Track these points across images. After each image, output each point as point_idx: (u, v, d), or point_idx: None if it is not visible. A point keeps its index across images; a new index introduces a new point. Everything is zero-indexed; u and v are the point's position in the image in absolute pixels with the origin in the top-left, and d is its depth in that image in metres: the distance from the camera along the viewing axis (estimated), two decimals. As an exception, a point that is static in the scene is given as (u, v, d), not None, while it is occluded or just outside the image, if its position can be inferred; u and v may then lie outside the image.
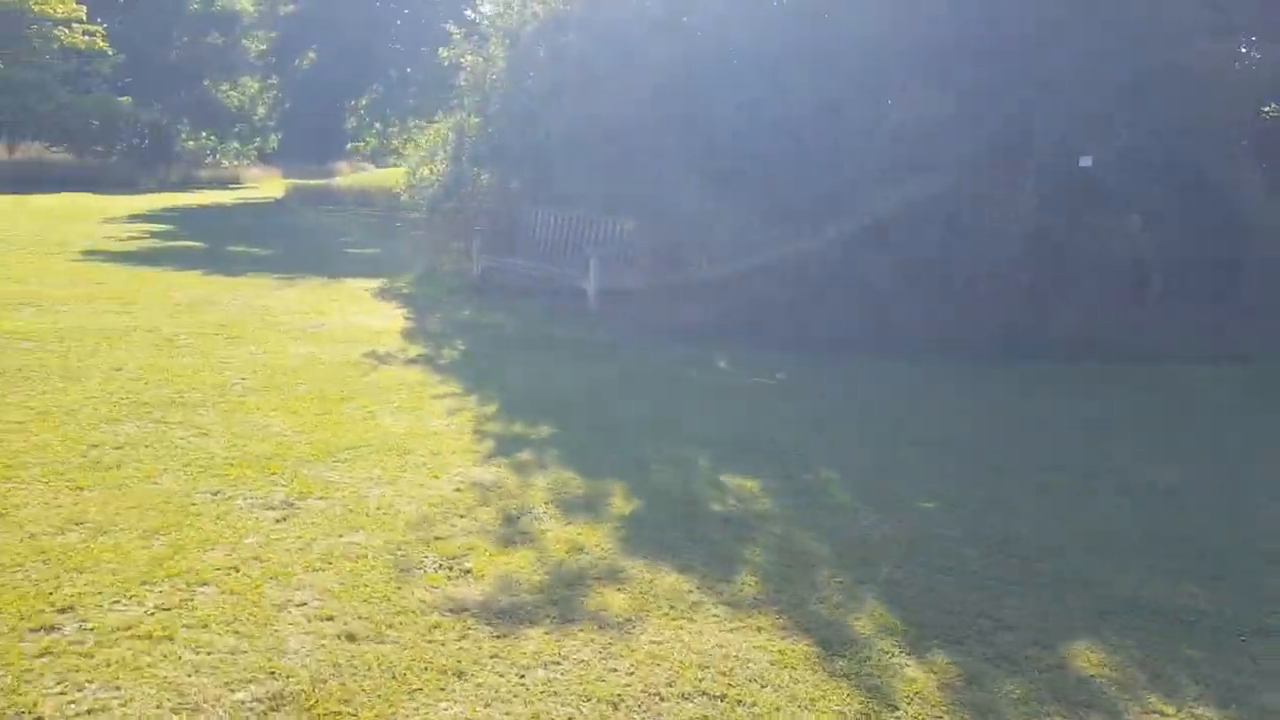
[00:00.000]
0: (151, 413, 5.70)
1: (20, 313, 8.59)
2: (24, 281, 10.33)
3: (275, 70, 27.60)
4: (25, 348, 7.23)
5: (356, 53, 26.24)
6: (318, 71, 26.11)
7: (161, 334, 7.91)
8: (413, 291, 10.64)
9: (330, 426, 5.52)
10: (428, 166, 11.99)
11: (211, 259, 13.26)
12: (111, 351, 7.21)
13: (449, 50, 11.61)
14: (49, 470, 4.66)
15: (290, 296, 10.10)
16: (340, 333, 8.27)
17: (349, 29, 25.71)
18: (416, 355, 7.55)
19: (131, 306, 9.13)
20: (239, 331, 8.15)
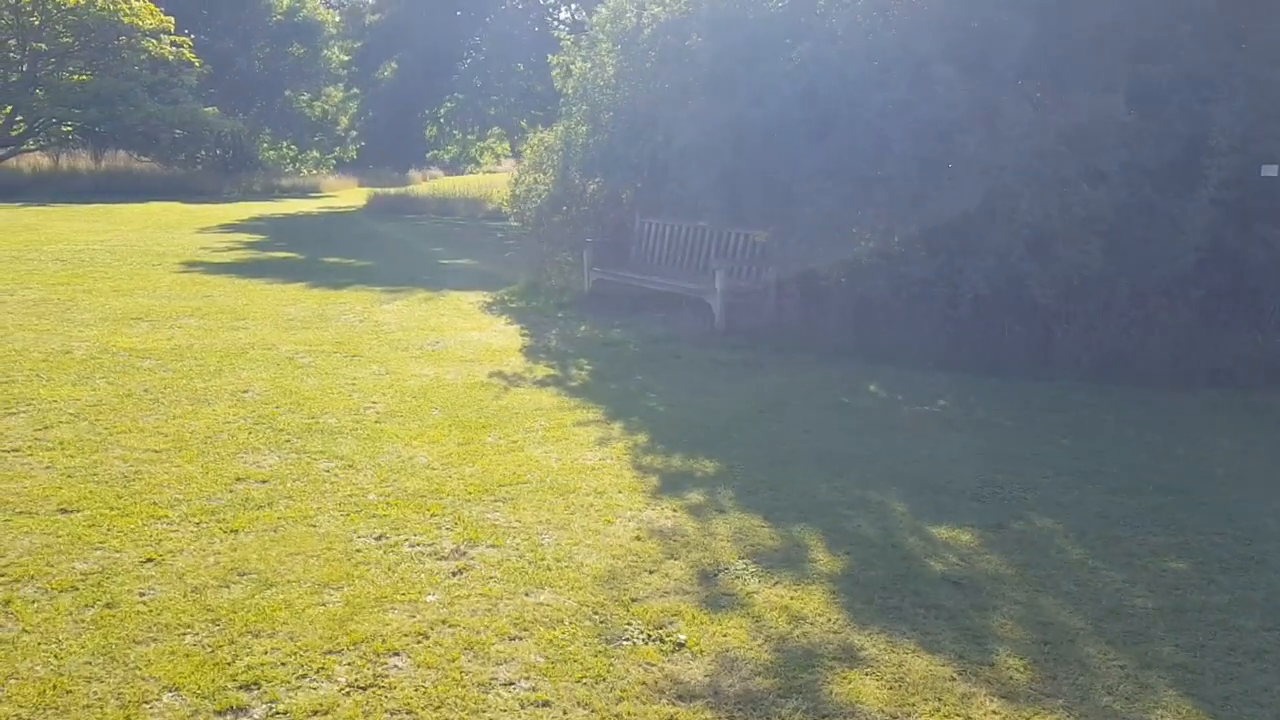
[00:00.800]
0: (290, 441, 5.39)
1: (135, 328, 8.44)
2: (132, 294, 10.25)
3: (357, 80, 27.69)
4: (147, 366, 7.03)
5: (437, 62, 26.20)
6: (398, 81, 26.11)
7: (280, 352, 7.66)
8: (521, 305, 10.29)
9: (477, 459, 5.14)
10: (532, 176, 11.65)
11: (311, 270, 13.13)
12: (234, 371, 6.97)
13: (558, 57, 11.26)
14: (198, 509, 4.35)
15: (399, 311, 9.83)
16: (460, 351, 7.94)
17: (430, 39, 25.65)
18: (545, 376, 7.17)
19: (244, 321, 8.94)
20: (357, 349, 7.87)
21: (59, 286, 10.52)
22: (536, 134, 12.27)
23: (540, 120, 25.93)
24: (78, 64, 30.14)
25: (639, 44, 9.76)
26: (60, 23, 29.17)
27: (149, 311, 9.26)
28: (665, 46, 9.40)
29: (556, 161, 11.00)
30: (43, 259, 12.89)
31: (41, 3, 28.70)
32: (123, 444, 5.27)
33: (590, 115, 10.76)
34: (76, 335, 8.01)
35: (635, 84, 9.95)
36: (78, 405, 5.97)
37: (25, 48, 29.17)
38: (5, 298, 9.68)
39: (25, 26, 28.77)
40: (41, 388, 6.32)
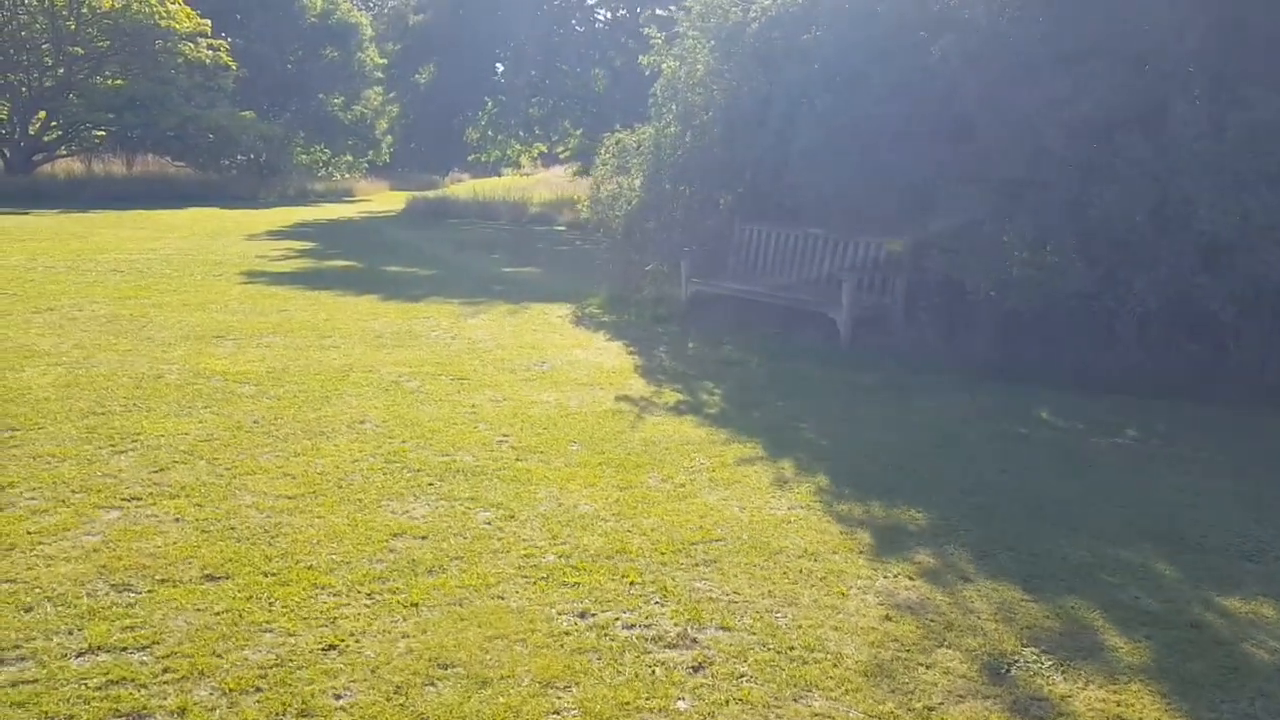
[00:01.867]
0: (432, 484, 4.82)
1: (220, 347, 7.91)
2: (204, 309, 9.73)
3: (396, 83, 27.22)
4: (247, 393, 6.48)
5: (478, 64, 25.71)
6: (438, 83, 25.63)
7: (382, 375, 7.10)
8: (613, 319, 9.70)
9: (649, 507, 4.55)
10: (614, 181, 11.07)
11: (378, 280, 12.59)
12: (342, 398, 6.41)
13: (649, 57, 10.67)
14: (362, 574, 3.78)
15: (487, 326, 9.27)
16: (571, 372, 7.36)
17: (472, 40, 25.17)
18: (675, 402, 6.57)
19: (332, 339, 8.40)
20: (462, 371, 7.30)
21: (126, 300, 10.02)
22: (613, 136, 11.68)
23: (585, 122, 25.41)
24: (113, 68, 29.81)
25: (742, 40, 9.15)
26: (95, 26, 28.85)
27: (228, 328, 8.74)
28: (773, 43, 8.79)
29: (644, 166, 10.40)
30: (100, 270, 12.41)
31: (77, 7, 28.41)
32: (250, 488, 4.72)
33: (682, 117, 10.17)
34: (161, 357, 7.48)
35: (736, 83, 9.35)
36: (187, 440, 5.42)
37: (60, 52, 28.87)
38: (75, 314, 9.18)
39: (60, 31, 28.47)
40: (143, 419, 5.78)
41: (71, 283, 11.16)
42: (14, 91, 28.50)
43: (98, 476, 4.80)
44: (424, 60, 26.04)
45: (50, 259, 13.35)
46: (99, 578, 3.71)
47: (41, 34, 28.77)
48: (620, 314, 9.93)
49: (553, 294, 11.54)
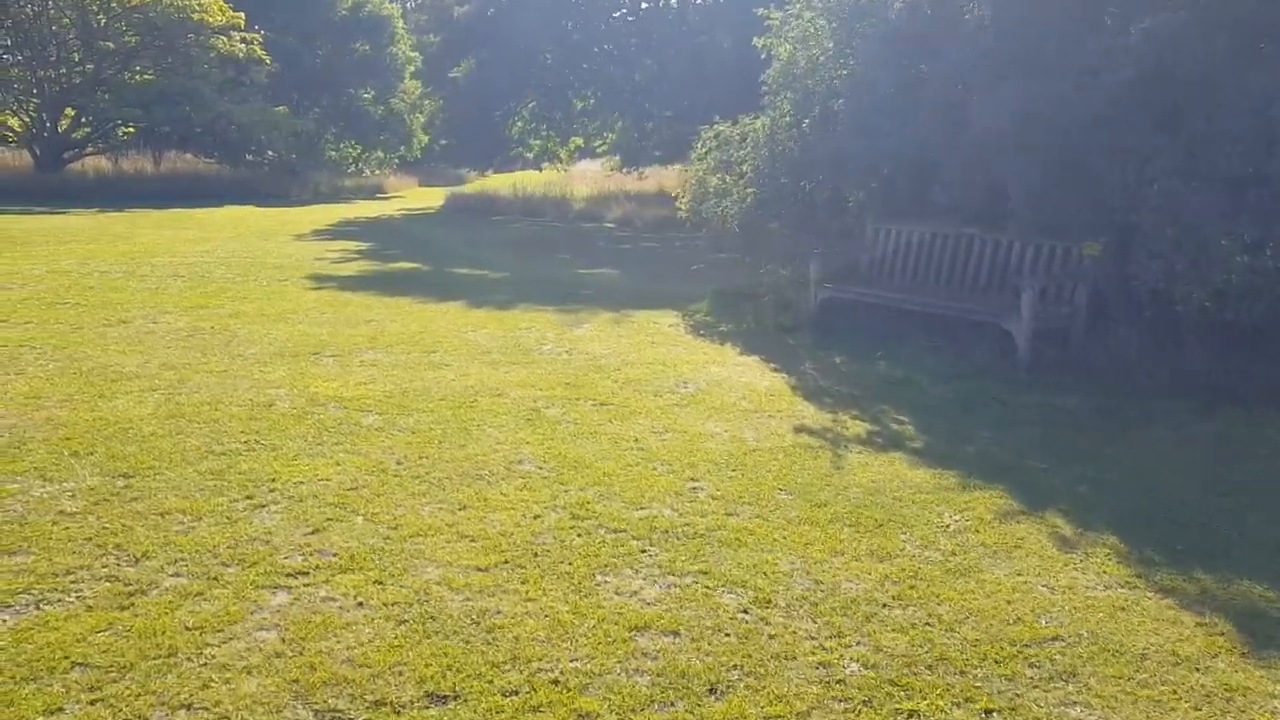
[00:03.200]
0: (644, 551, 3.98)
1: (321, 366, 7.09)
2: (286, 320, 8.93)
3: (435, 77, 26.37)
4: (373, 425, 5.65)
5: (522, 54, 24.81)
6: (479, 76, 24.74)
7: (514, 400, 6.26)
8: (731, 328, 8.84)
9: (931, 587, 3.70)
10: (716, 177, 10.19)
11: (452, 285, 11.77)
12: (482, 430, 5.57)
13: (763, 40, 9.77)
14: (631, 696, 2.94)
15: (599, 339, 8.42)
16: (721, 395, 6.50)
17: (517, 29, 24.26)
18: (865, 434, 5.71)
19: (438, 355, 7.57)
20: (598, 394, 6.46)
21: (199, 311, 9.22)
22: (712, 129, 10.79)
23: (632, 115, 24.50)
24: (144, 63, 29.07)
25: (879, 21, 8.26)
26: (125, 21, 28.10)
27: (321, 343, 7.92)
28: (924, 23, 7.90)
29: (756, 160, 9.52)
30: (159, 275, 11.64)
31: (107, 2, 27.67)
32: (429, 555, 3.89)
33: (800, 105, 9.28)
34: (262, 378, 6.67)
35: (868, 68, 8.46)
36: (331, 489, 4.60)
37: (89, 48, 28.14)
38: (151, 327, 8.38)
39: (89, 26, 27.74)
40: (272, 461, 4.96)
41: (134, 290, 10.37)
42: (42, 88, 27.80)
43: (245, 541, 3.98)
44: (465, 53, 25.14)
45: (103, 263, 12.58)
46: (297, 700, 2.88)
47: (69, 29, 28.06)
48: (737, 322, 9.06)
49: (647, 298, 10.68)
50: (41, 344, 7.55)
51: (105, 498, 4.42)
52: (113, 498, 4.42)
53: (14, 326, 8.17)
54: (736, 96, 22.06)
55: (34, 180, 26.45)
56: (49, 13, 27.84)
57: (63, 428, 5.41)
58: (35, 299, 9.58)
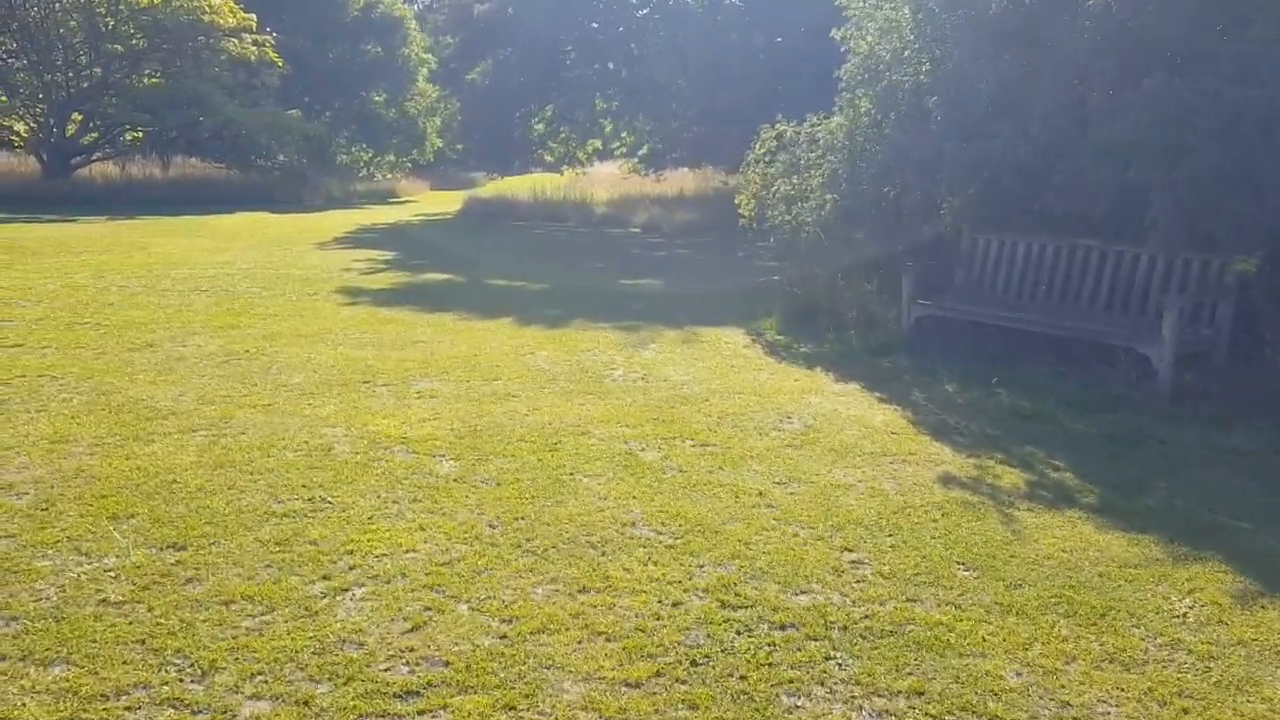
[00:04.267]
0: (828, 657, 3.23)
1: (376, 398, 6.34)
2: (326, 340, 8.18)
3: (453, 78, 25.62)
4: (450, 473, 4.90)
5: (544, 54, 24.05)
6: (500, 76, 23.97)
7: (602, 440, 5.51)
8: (813, 349, 8.08)
9: (1190, 700, 2.95)
10: (787, 182, 9.42)
11: (493, 298, 11.03)
12: (577, 482, 4.82)
13: (842, 31, 9.00)
14: None
15: (671, 361, 7.67)
16: (835, 433, 5.74)
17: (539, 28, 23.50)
18: (1024, 485, 4.93)
19: (500, 383, 6.82)
20: (696, 432, 5.70)
21: (230, 331, 8.48)
22: (773, 128, 10.04)
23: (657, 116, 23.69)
24: (153, 66, 28.34)
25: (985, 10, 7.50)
26: (133, 23, 27.38)
27: (369, 369, 7.17)
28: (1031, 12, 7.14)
29: (835, 163, 8.76)
30: (181, 289, 10.90)
31: (115, 4, 26.95)
32: (563, 665, 3.13)
33: (882, 103, 8.53)
34: (313, 415, 5.92)
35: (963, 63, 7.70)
36: (420, 564, 3.84)
37: (98, 51, 27.43)
38: (180, 351, 7.64)
39: (97, 29, 27.02)
40: (344, 525, 4.20)
41: (157, 307, 9.63)
42: (49, 92, 27.08)
43: (333, 645, 3.23)
44: (484, 54, 24.37)
45: (120, 275, 11.85)
46: None
47: (76, 32, 27.35)
48: (817, 342, 8.29)
49: (704, 313, 9.92)
50: (63, 372, 6.81)
51: (155, 578, 3.67)
52: (164, 579, 3.67)
53: (32, 352, 7.44)
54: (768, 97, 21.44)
55: (42, 186, 25.76)
56: (56, 15, 27.13)
57: (96, 481, 4.67)
58: (52, 318, 8.84)
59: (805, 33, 20.02)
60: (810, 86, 19.60)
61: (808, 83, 19.69)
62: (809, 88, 19.68)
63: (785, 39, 20.47)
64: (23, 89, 27.42)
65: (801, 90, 19.77)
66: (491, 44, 24.38)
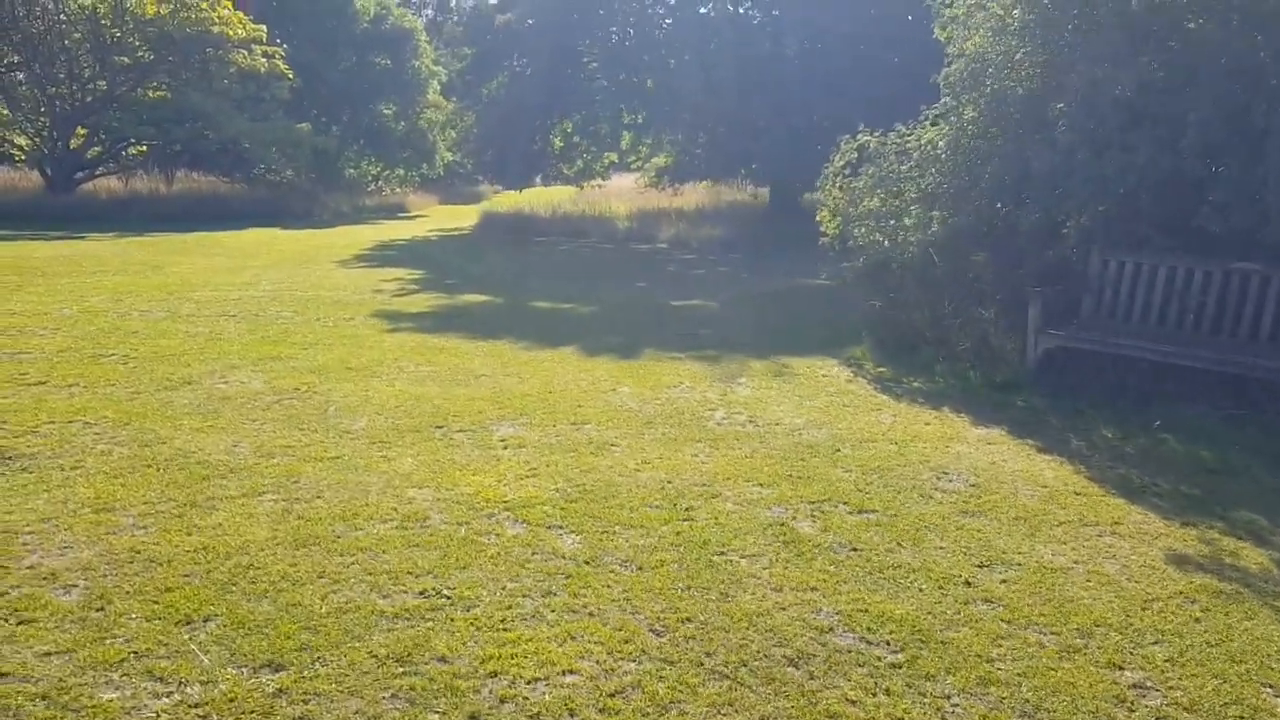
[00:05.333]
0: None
1: (455, 447, 5.50)
2: (378, 373, 7.35)
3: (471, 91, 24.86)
4: (575, 551, 4.08)
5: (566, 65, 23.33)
6: (519, 88, 23.22)
7: (740, 506, 4.67)
8: (927, 384, 7.26)
9: None
10: (875, 199, 8.63)
11: (545, 324, 10.21)
12: (733, 564, 3.99)
13: (946, 31, 8.22)
14: None
15: (776, 400, 6.84)
16: (1009, 495, 4.92)
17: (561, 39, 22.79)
18: (1275, 565, 4.11)
19: (591, 428, 5.99)
20: (846, 494, 4.87)
21: (272, 364, 7.65)
22: (854, 140, 9.25)
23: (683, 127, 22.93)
24: (160, 78, 27.51)
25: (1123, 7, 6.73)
26: (139, 35, 26.59)
27: (438, 410, 6.34)
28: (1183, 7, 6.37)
29: (940, 177, 7.96)
30: (206, 315, 10.07)
31: (121, 15, 26.19)
32: None
33: (992, 112, 7.75)
34: (391, 471, 5.08)
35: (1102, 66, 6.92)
36: (583, 695, 3.01)
37: (103, 63, 26.62)
38: (221, 389, 6.80)
39: (102, 40, 26.21)
40: (473, 632, 3.36)
41: (186, 335, 8.80)
42: (52, 105, 26.26)
43: (516, 830, 2.39)
44: (502, 66, 23.64)
45: (139, 298, 11.03)
46: None
47: (81, 44, 26.54)
48: (928, 376, 7.47)
49: (781, 340, 9.11)
50: (96, 416, 5.97)
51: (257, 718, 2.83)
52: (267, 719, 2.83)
53: (58, 390, 6.60)
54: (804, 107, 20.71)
55: (46, 202, 24.92)
56: (59, 27, 26.34)
57: (156, 566, 3.83)
58: (74, 350, 8.00)
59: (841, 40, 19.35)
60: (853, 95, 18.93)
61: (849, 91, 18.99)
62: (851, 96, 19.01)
63: (822, 46, 19.72)
64: (24, 102, 26.60)
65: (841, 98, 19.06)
66: (510, 55, 23.66)
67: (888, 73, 19.09)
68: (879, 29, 19.28)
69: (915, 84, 18.16)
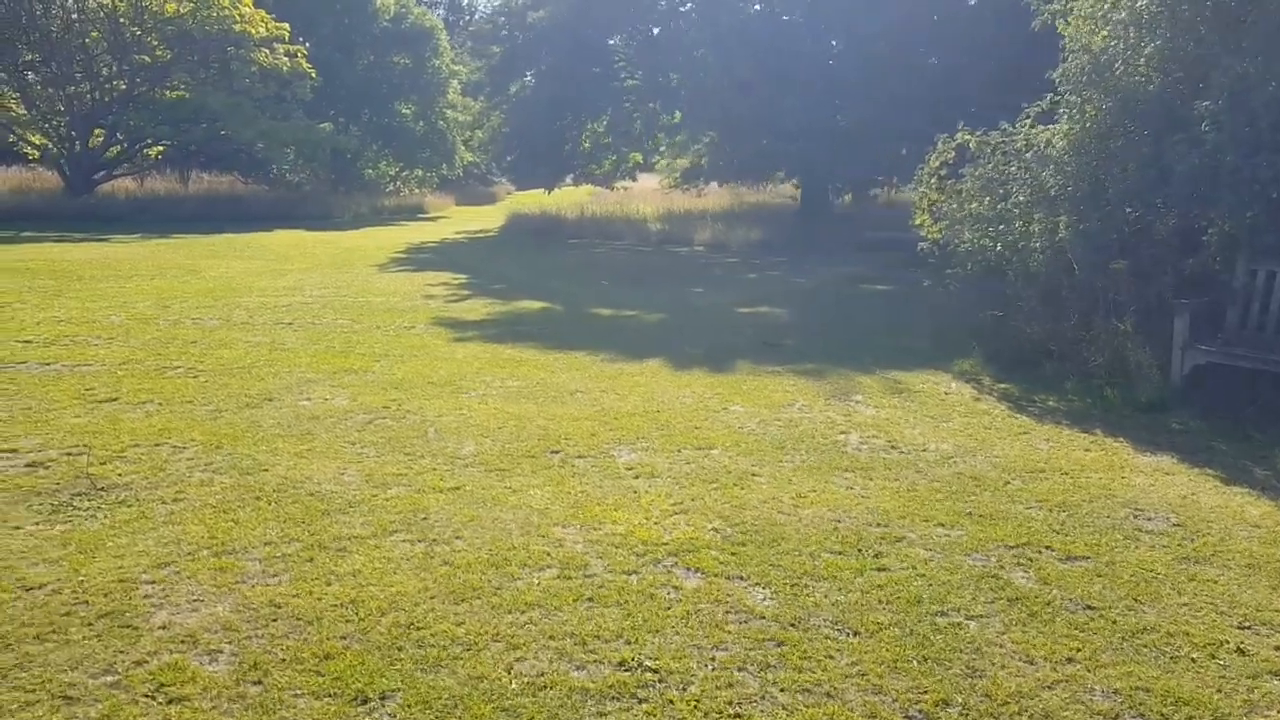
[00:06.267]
0: None
1: (581, 475, 4.99)
2: (465, 389, 6.84)
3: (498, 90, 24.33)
4: (772, 608, 3.57)
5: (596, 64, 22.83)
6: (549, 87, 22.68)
7: (933, 553, 4.15)
8: (1059, 403, 6.74)
9: None
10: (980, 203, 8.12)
11: (618, 334, 9.69)
12: (991, 636, 3.48)
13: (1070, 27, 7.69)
14: None
15: (906, 421, 6.32)
16: (1226, 538, 4.38)
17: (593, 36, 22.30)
18: None
19: (720, 453, 5.47)
20: (1055, 540, 4.35)
21: (348, 377, 7.14)
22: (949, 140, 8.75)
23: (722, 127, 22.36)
24: (181, 77, 27.00)
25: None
26: (159, 34, 26.08)
27: (545, 432, 5.81)
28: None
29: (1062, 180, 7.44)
30: (260, 322, 9.58)
31: (140, 14, 25.68)
32: None
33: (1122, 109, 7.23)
34: (523, 504, 4.56)
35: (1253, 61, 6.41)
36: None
37: (122, 62, 26.11)
38: (305, 405, 6.29)
39: (122, 39, 25.70)
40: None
41: (247, 345, 8.30)
42: (71, 105, 25.77)
43: None
44: (532, 64, 23.10)
45: (186, 305, 10.54)
46: None
47: (99, 42, 26.03)
48: (1057, 393, 6.94)
49: (879, 352, 8.57)
50: (183, 438, 5.46)
51: (488, 841, 2.32)
52: (502, 841, 2.32)
53: (133, 409, 6.08)
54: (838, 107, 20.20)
55: (65, 203, 24.46)
56: (77, 26, 25.82)
57: (306, 626, 3.32)
58: (136, 362, 7.50)
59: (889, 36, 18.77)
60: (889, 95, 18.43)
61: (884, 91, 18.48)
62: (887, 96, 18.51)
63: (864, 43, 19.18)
64: (39, 102, 26.09)
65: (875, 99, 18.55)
66: (541, 53, 23.13)
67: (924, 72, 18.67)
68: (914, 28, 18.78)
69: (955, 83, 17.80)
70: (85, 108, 25.93)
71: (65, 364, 7.34)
